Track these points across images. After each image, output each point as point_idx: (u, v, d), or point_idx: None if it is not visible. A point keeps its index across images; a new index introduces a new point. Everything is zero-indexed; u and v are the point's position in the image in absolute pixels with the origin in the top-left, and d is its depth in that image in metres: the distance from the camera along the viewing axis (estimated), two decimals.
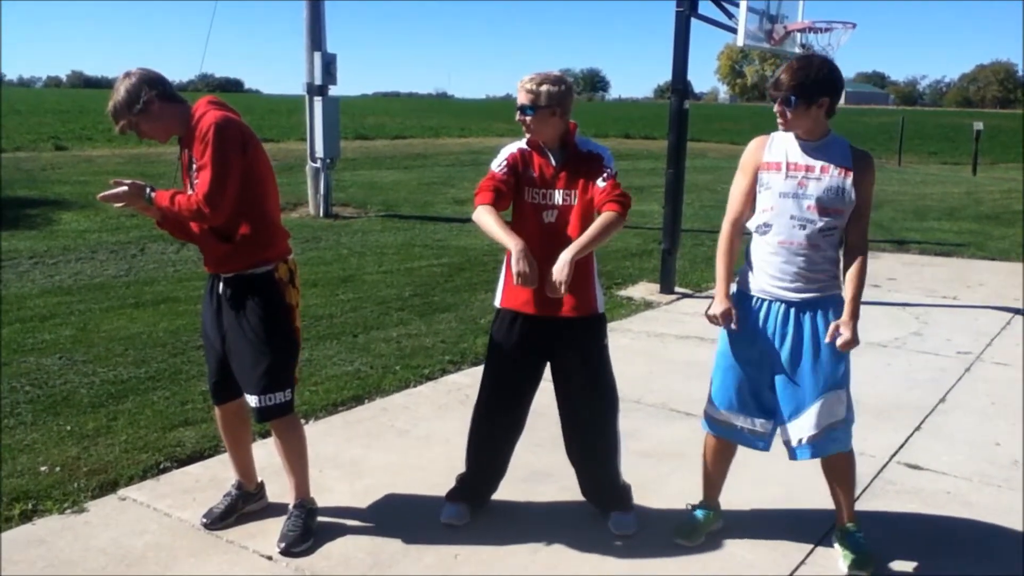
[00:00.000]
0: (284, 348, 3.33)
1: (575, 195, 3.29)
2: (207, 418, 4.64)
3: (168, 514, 3.62)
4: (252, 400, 3.32)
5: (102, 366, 5.50)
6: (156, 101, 3.15)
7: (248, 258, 3.27)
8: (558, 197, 3.30)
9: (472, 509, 3.63)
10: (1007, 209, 15.85)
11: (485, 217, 3.23)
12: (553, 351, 3.42)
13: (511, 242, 3.12)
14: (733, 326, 3.23)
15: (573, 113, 3.36)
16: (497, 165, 3.35)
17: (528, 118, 3.26)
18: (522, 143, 3.40)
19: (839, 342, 3.09)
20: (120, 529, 3.48)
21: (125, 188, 3.18)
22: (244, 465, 3.66)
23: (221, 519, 3.52)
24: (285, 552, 3.32)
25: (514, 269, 3.07)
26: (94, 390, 5.06)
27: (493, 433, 3.58)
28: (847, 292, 3.16)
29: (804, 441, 3.22)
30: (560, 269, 3.08)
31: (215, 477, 3.95)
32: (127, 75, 3.18)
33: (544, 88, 3.24)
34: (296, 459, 3.49)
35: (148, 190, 3.21)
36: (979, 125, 26.65)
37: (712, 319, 3.26)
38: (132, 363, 5.58)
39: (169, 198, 3.18)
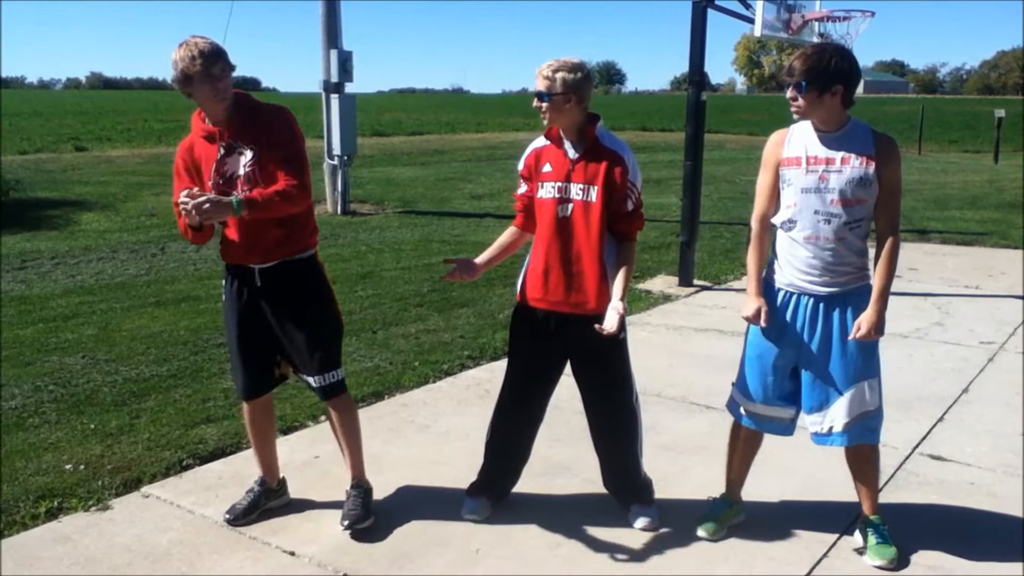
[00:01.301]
0: (336, 327, 3.48)
1: (595, 192, 3.26)
2: (229, 415, 4.67)
3: (191, 511, 3.64)
4: (314, 380, 3.41)
5: (124, 365, 5.55)
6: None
7: (298, 243, 3.36)
8: (574, 191, 3.28)
9: (493, 503, 3.64)
10: None
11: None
12: (572, 346, 3.42)
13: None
14: (763, 323, 3.21)
15: (593, 105, 3.35)
16: (519, 168, 3.46)
17: (544, 105, 3.23)
18: (540, 141, 3.41)
19: (857, 335, 3.07)
20: (144, 526, 3.51)
21: (208, 203, 3.04)
22: (269, 461, 3.69)
23: (244, 515, 3.55)
24: (350, 529, 3.42)
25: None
26: (117, 388, 5.10)
27: (513, 426, 3.58)
28: (875, 283, 3.13)
29: (837, 429, 3.21)
30: (612, 320, 3.19)
31: (237, 473, 3.98)
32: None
33: (560, 75, 3.20)
34: (354, 437, 3.57)
35: (233, 200, 3.10)
36: (1001, 112, 26.33)
37: (749, 320, 3.26)
38: (154, 361, 5.63)
39: (258, 196, 3.13)
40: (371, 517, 3.49)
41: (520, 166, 3.47)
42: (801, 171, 3.11)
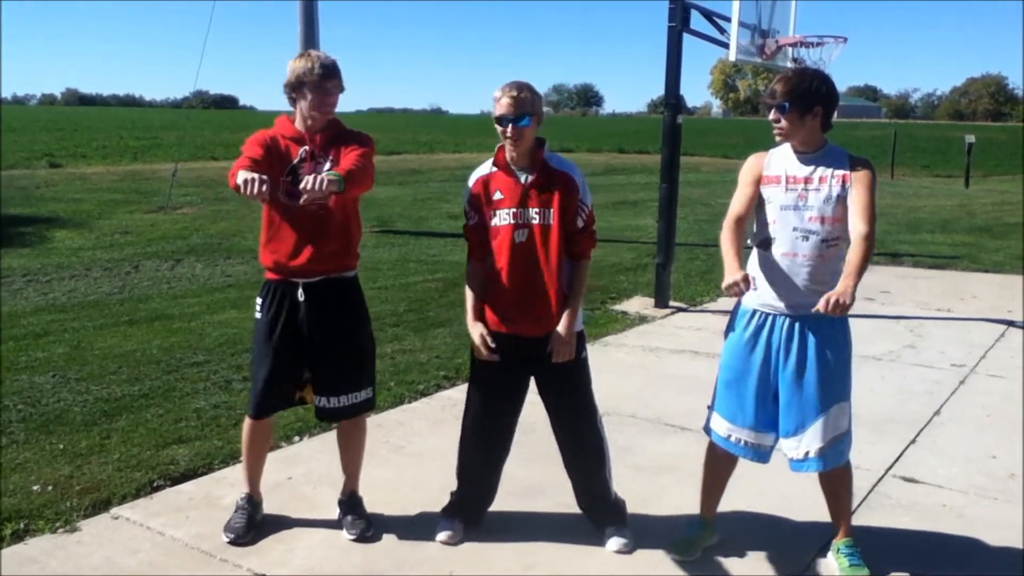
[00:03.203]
0: (374, 348, 3.66)
1: (551, 215, 3.28)
2: (201, 435, 4.62)
3: (161, 532, 3.59)
4: (352, 397, 3.51)
5: (95, 384, 5.48)
6: None
7: (348, 260, 3.47)
8: (532, 215, 3.29)
9: (467, 526, 3.62)
10: (1000, 221, 15.91)
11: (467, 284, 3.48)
12: (535, 369, 3.43)
13: (472, 331, 3.39)
14: (754, 288, 3.07)
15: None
16: (465, 199, 3.42)
17: (525, 129, 3.24)
18: (486, 168, 3.40)
19: (828, 306, 2.83)
20: (113, 548, 3.45)
21: (321, 192, 3.02)
22: (257, 477, 3.70)
23: (246, 532, 3.52)
24: (362, 538, 3.54)
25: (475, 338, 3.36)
26: (87, 408, 5.04)
27: (481, 451, 3.57)
28: (848, 259, 2.99)
29: (812, 454, 3.21)
30: (563, 346, 3.31)
31: (208, 495, 3.93)
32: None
33: (526, 96, 3.23)
34: (362, 452, 3.73)
35: (338, 180, 3.09)
36: (971, 138, 26.78)
37: (731, 288, 2.95)
38: (126, 381, 5.56)
39: (351, 167, 3.21)
40: (372, 525, 3.62)
41: (466, 196, 3.42)
42: (780, 189, 3.16)
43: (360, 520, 3.60)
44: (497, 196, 3.33)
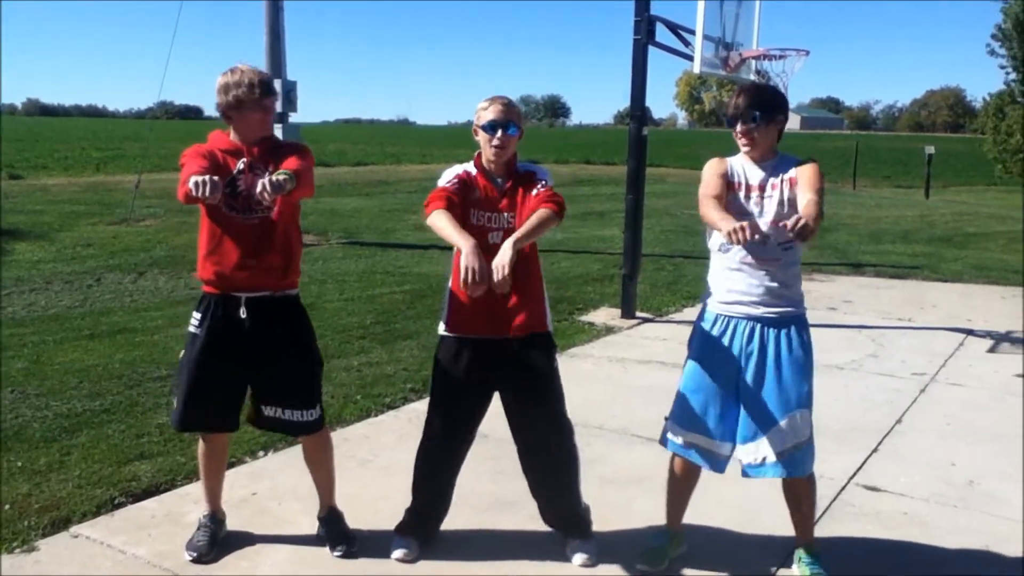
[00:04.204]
0: (320, 364, 3.57)
1: (520, 216, 3.32)
2: (163, 451, 4.56)
3: (123, 551, 3.53)
4: (303, 414, 3.44)
5: (55, 399, 5.39)
6: None
7: (289, 277, 3.43)
8: (505, 219, 3.32)
9: (421, 543, 3.58)
10: (959, 231, 16.20)
11: (439, 219, 3.18)
12: (503, 376, 3.41)
13: (463, 241, 3.06)
14: (758, 236, 2.93)
15: (536, 140, 3.40)
16: (446, 180, 3.36)
17: (512, 137, 3.31)
18: (468, 166, 3.42)
19: (794, 223, 2.83)
20: (72, 567, 3.39)
21: (267, 193, 3.02)
22: (217, 494, 3.66)
23: (209, 549, 3.47)
24: (347, 554, 3.53)
25: (463, 263, 3.01)
26: (47, 424, 4.95)
27: (442, 465, 3.55)
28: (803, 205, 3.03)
29: (769, 459, 3.23)
30: (503, 255, 3.04)
31: (170, 512, 3.88)
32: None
33: (515, 108, 3.35)
34: (331, 467, 3.67)
35: (289, 177, 3.10)
36: (931, 149, 27.30)
37: (736, 232, 2.84)
38: (86, 396, 5.47)
39: (295, 167, 3.20)
40: (355, 540, 3.60)
41: (451, 174, 3.38)
42: (741, 195, 3.22)
43: (343, 536, 3.58)
44: (476, 195, 3.35)
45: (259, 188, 3.01)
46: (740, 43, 8.46)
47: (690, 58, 7.96)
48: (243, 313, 3.33)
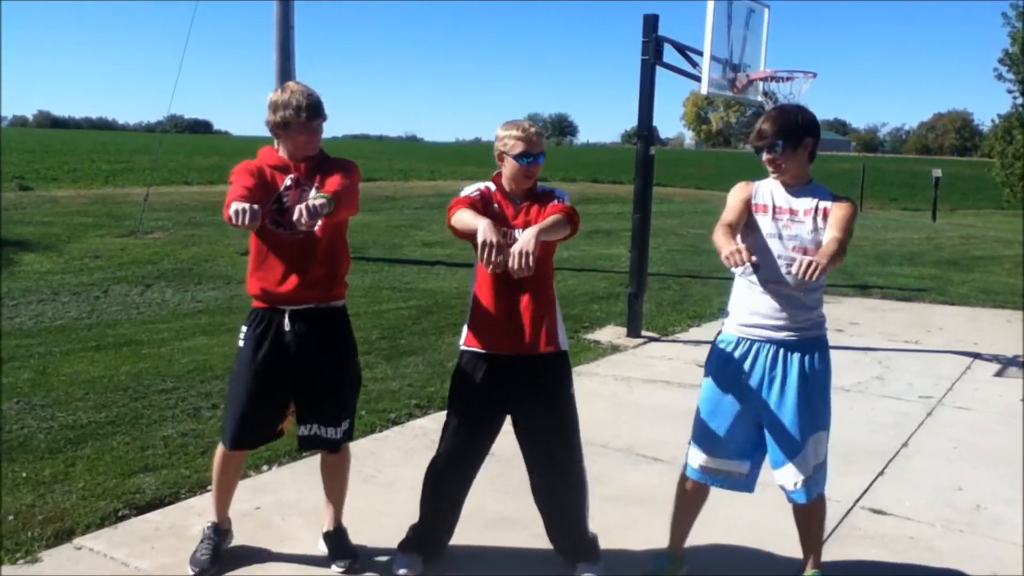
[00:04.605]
0: (360, 380, 3.66)
1: None
2: (168, 464, 4.56)
3: (125, 563, 3.53)
4: (336, 431, 3.50)
5: (61, 410, 5.39)
6: None
7: (335, 289, 3.47)
8: (519, 235, 3.32)
9: (425, 559, 3.57)
10: (966, 255, 16.18)
11: (461, 213, 3.22)
12: (518, 395, 3.40)
13: (479, 220, 3.10)
14: (754, 258, 2.96)
15: (545, 156, 3.43)
16: (467, 192, 3.40)
17: (541, 165, 3.36)
18: (489, 183, 3.45)
19: (799, 268, 2.85)
20: None
21: (304, 219, 3.03)
22: (228, 506, 3.66)
23: (212, 564, 3.46)
24: (351, 570, 3.52)
25: (479, 239, 3.03)
26: (52, 435, 4.95)
27: (453, 481, 3.53)
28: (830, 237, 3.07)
29: (799, 485, 3.24)
30: (527, 240, 3.03)
31: (174, 525, 3.87)
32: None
33: (543, 136, 3.40)
34: (346, 483, 3.70)
35: (328, 201, 3.13)
36: (938, 172, 27.27)
37: (733, 255, 2.89)
38: (92, 407, 5.48)
39: (336, 187, 3.24)
40: (359, 557, 3.60)
41: (472, 188, 3.41)
42: (768, 217, 3.21)
43: (346, 552, 3.58)
44: (492, 210, 3.36)
45: (296, 215, 3.03)
46: (748, 64, 8.49)
47: (697, 79, 7.99)
48: (287, 326, 3.37)
